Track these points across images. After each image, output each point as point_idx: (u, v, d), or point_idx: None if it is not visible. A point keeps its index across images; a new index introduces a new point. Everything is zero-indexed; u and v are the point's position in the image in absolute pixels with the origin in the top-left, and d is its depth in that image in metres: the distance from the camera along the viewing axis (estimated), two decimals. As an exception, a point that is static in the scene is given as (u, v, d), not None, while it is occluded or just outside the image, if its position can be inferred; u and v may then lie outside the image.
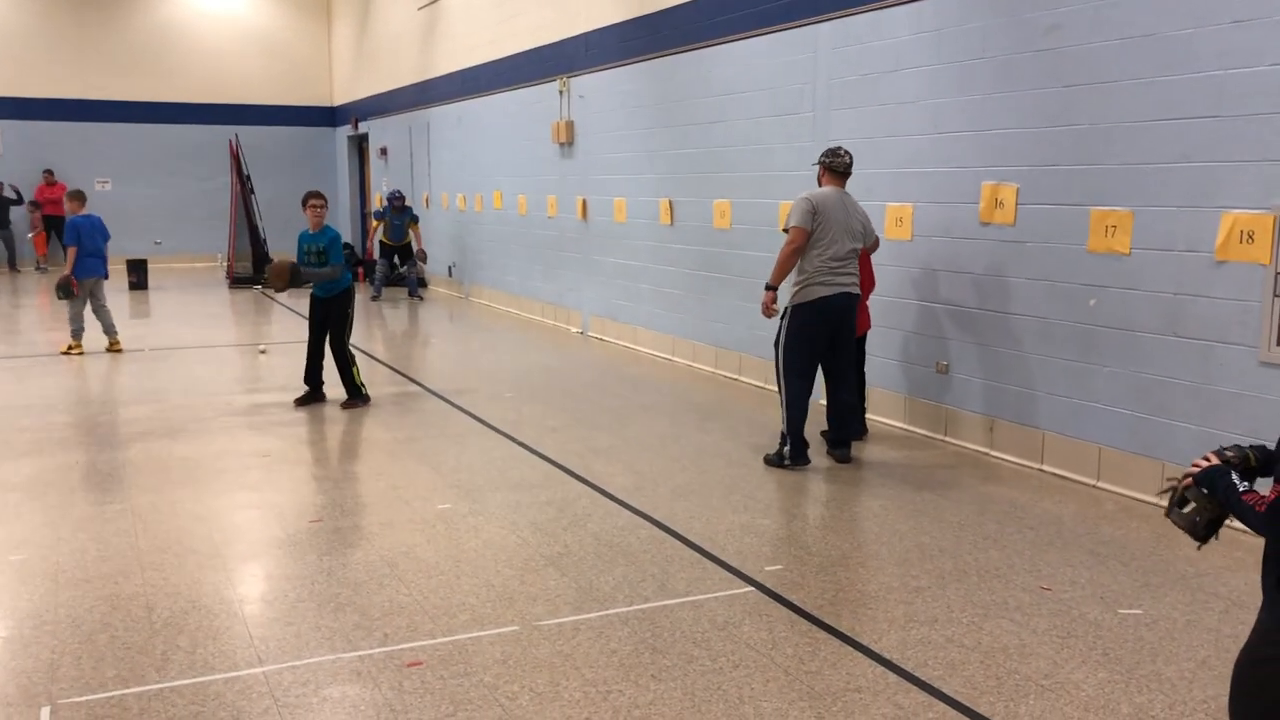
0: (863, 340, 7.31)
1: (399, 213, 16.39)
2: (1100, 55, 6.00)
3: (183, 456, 6.96)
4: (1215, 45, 5.40)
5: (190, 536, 5.37)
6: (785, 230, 6.58)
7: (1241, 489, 2.36)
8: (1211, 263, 5.49)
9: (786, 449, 6.65)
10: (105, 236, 11.17)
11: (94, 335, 11.19)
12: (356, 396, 8.55)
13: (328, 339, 8.58)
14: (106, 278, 11.25)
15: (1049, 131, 6.36)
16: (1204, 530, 2.52)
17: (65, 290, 10.78)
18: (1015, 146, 6.60)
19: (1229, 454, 2.49)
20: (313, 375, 8.64)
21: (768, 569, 4.85)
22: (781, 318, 6.68)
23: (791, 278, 6.60)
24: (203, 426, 7.85)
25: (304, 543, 5.28)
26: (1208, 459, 2.51)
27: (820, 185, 6.68)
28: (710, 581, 4.70)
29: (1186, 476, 2.54)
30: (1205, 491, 2.47)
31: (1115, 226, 5.97)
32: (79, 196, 11.13)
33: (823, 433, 7.05)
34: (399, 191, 16.75)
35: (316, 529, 5.50)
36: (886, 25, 7.54)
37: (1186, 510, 2.53)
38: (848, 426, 6.86)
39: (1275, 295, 5.20)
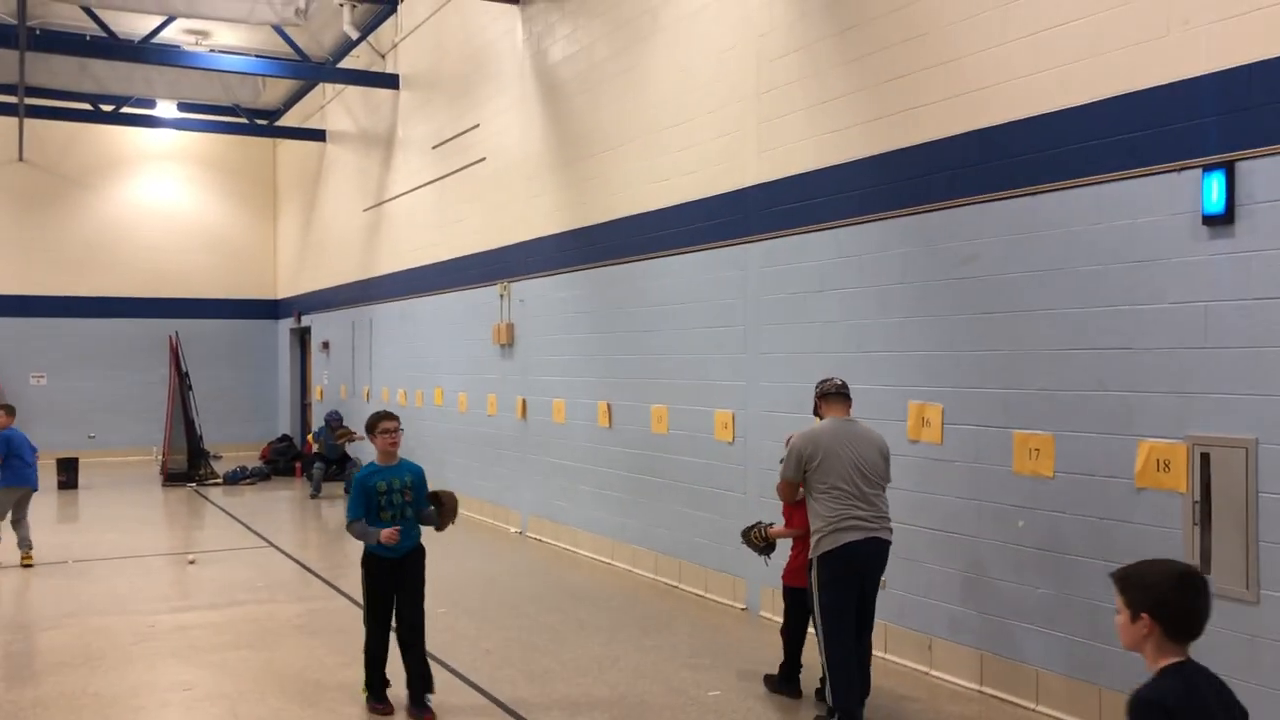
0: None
1: (334, 431, 16.80)
2: (1015, 285, 6.26)
3: (96, 693, 6.65)
4: (1122, 282, 5.66)
5: (97, 794, 5.08)
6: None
7: None
8: (1132, 489, 5.61)
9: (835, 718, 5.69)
10: (33, 449, 11.02)
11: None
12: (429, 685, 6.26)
13: (394, 612, 6.28)
14: (36, 489, 10.99)
15: (970, 355, 6.56)
16: None
17: None
18: (938, 368, 6.79)
19: None
20: (381, 663, 6.28)
21: (704, 822, 4.68)
22: (809, 570, 6.02)
23: (812, 525, 5.93)
24: (122, 654, 7.53)
25: (219, 799, 5.01)
26: None
27: (820, 419, 6.15)
28: (644, 839, 4.51)
29: None
30: None
31: (1038, 450, 6.11)
32: (11, 410, 11.04)
33: (816, 690, 6.23)
34: (338, 414, 17.02)
35: (233, 781, 5.23)
36: (810, 248, 7.84)
37: None
38: (863, 681, 5.97)
39: (1194, 524, 5.30)
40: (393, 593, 6.20)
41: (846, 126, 7.47)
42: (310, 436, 18.32)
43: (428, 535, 6.35)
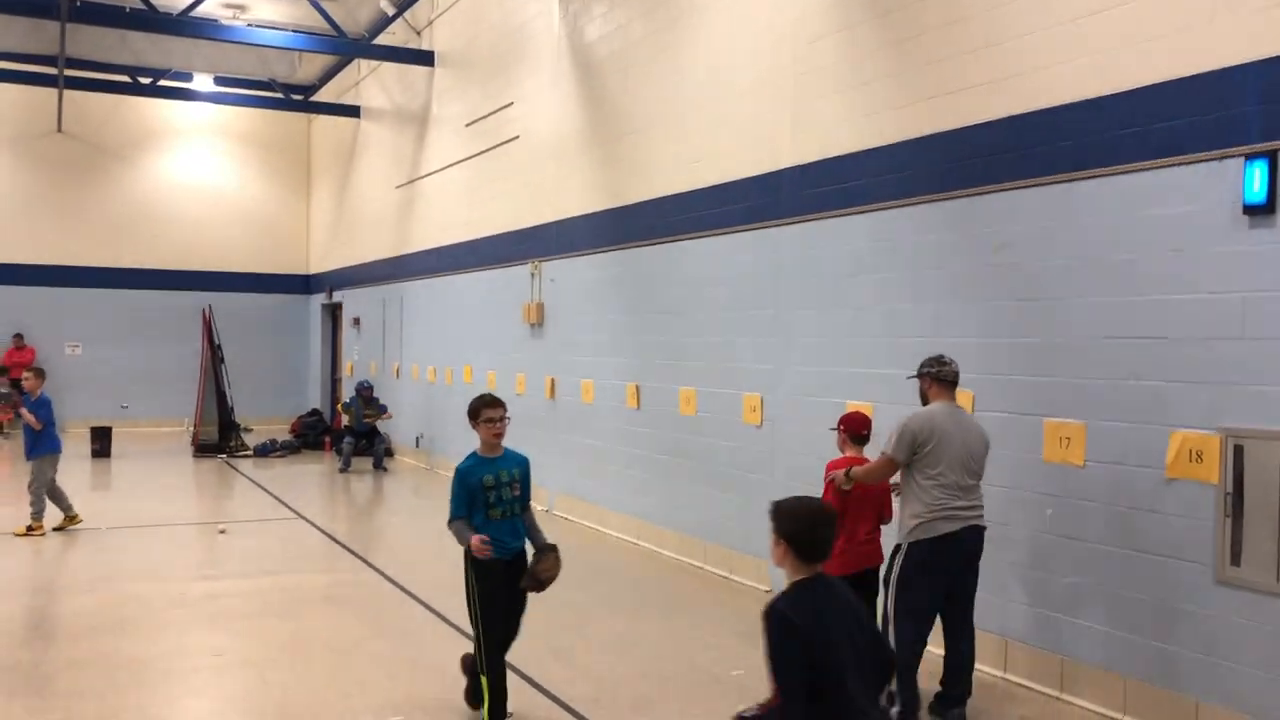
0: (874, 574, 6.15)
1: (366, 404, 16.76)
2: (1050, 273, 6.22)
3: (130, 656, 6.77)
4: (1157, 271, 5.62)
5: (130, 754, 5.18)
6: (883, 453, 5.78)
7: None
8: (1163, 480, 5.58)
9: (895, 710, 5.45)
10: None
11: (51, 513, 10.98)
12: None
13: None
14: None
15: (1003, 342, 6.53)
16: None
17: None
18: (970, 355, 6.73)
19: None
20: (504, 689, 5.59)
21: (725, 799, 4.71)
22: (894, 554, 5.81)
23: (906, 509, 5.71)
24: (154, 619, 7.66)
25: (248, 762, 5.10)
26: None
27: (925, 402, 5.88)
28: (666, 814, 4.56)
29: None
30: None
31: (1069, 438, 6.08)
32: (41, 374, 11.13)
33: (938, 695, 5.86)
34: (368, 383, 17.08)
35: (262, 745, 5.32)
36: (843, 232, 7.81)
37: None
38: (964, 682, 5.77)
39: (1226, 516, 5.27)
40: (513, 595, 5.60)
41: (883, 109, 7.43)
42: (340, 406, 18.44)
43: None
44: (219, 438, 18.17)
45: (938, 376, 5.82)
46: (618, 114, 10.97)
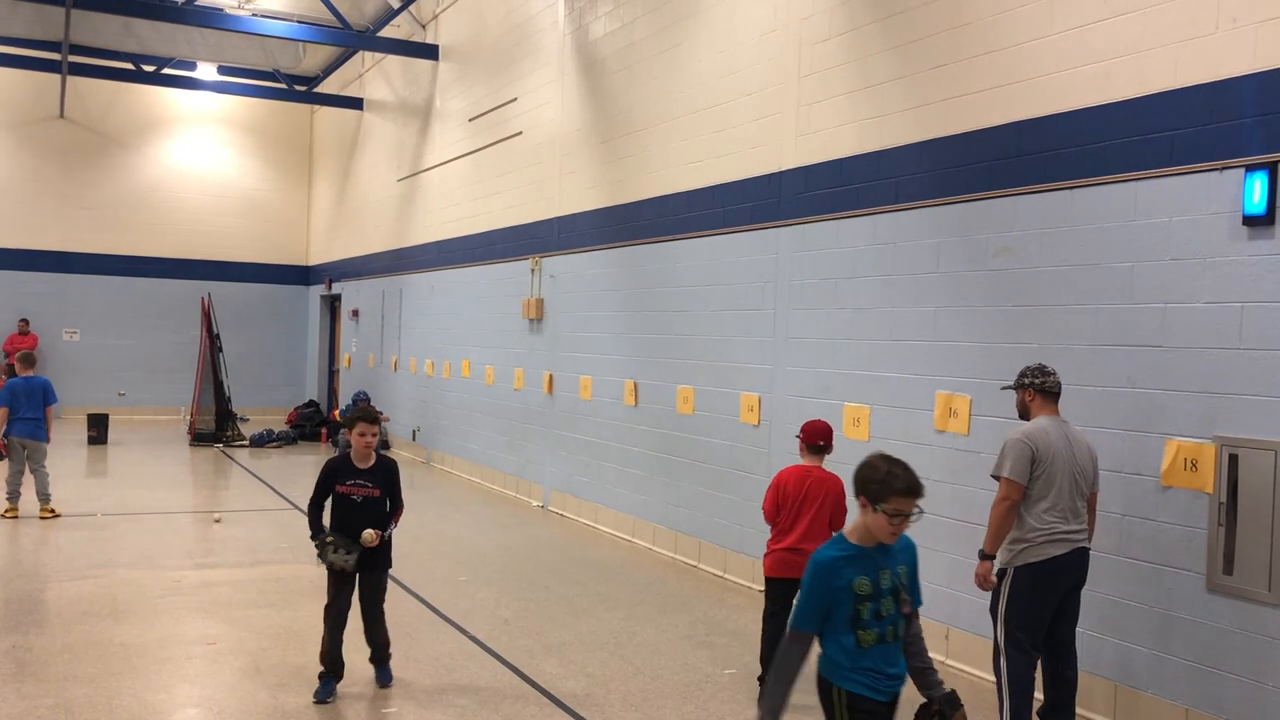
0: None
1: None
2: (1049, 279, 6.24)
3: (124, 642, 6.79)
4: (1156, 280, 5.64)
5: (122, 740, 5.19)
6: (994, 477, 5.33)
7: None
8: (1158, 487, 5.61)
9: None
10: (49, 401, 10.99)
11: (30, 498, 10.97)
12: None
13: None
14: (46, 441, 10.98)
15: (1000, 347, 6.55)
16: None
17: None
18: (967, 359, 6.78)
19: None
20: None
21: (716, 796, 4.74)
22: (1000, 581, 5.33)
23: (1011, 530, 5.31)
24: (148, 606, 7.68)
25: (240, 751, 5.11)
26: None
27: (1028, 416, 5.48)
28: (656, 810, 4.58)
29: None
30: None
31: (1065, 444, 6.09)
32: (27, 360, 11.07)
33: (1038, 711, 5.54)
34: (365, 394, 17.08)
35: (255, 734, 5.33)
36: (844, 234, 7.84)
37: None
38: (1068, 708, 5.47)
39: (1219, 524, 5.29)
40: None
41: (886, 113, 7.45)
42: (337, 413, 18.48)
43: (466, 510, 6.35)
44: (216, 427, 18.17)
45: (1042, 388, 5.42)
46: (621, 112, 10.98)
